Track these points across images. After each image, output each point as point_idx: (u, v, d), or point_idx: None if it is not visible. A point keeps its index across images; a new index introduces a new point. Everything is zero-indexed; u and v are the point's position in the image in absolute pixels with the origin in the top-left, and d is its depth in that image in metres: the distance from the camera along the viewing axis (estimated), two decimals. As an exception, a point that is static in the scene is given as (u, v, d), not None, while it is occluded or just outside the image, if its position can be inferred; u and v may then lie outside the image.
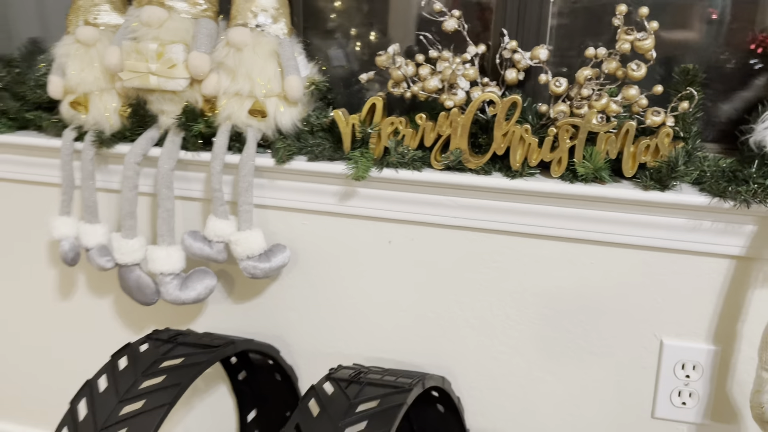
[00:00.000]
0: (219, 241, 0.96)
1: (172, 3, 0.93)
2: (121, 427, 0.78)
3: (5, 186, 1.10)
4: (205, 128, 0.95)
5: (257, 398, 1.12)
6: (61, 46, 0.98)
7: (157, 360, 0.87)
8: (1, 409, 1.25)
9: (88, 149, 0.99)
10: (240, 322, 1.07)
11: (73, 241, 1.02)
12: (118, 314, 1.13)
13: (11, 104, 1.04)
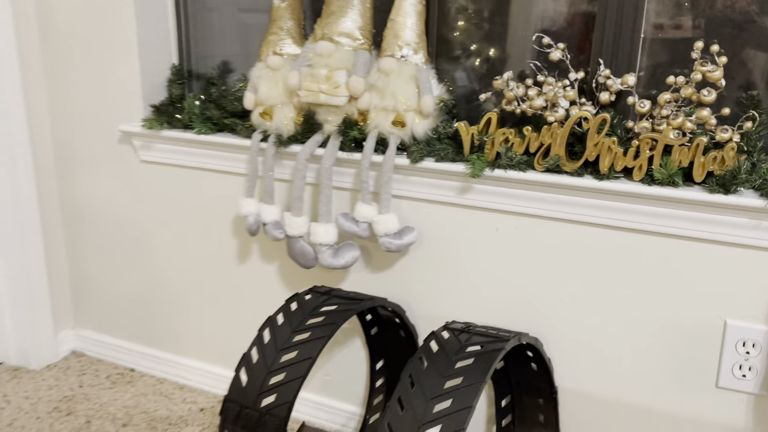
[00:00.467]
0: (364, 221, 1.25)
1: (338, 39, 1.23)
2: (294, 349, 1.09)
3: (206, 174, 1.45)
4: (358, 134, 1.24)
5: (385, 350, 1.40)
6: (255, 70, 1.31)
7: (318, 305, 1.17)
8: (194, 348, 1.61)
9: (270, 148, 1.31)
10: (375, 287, 1.35)
11: (255, 217, 1.34)
12: (285, 274, 1.45)
13: (215, 113, 1.39)
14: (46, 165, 1.61)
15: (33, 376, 1.64)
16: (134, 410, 1.51)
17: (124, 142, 1.52)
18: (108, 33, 1.45)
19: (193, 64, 1.55)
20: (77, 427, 1.44)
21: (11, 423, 1.45)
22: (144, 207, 1.56)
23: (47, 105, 1.59)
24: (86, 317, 1.74)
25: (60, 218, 1.67)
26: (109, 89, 1.50)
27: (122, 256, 1.63)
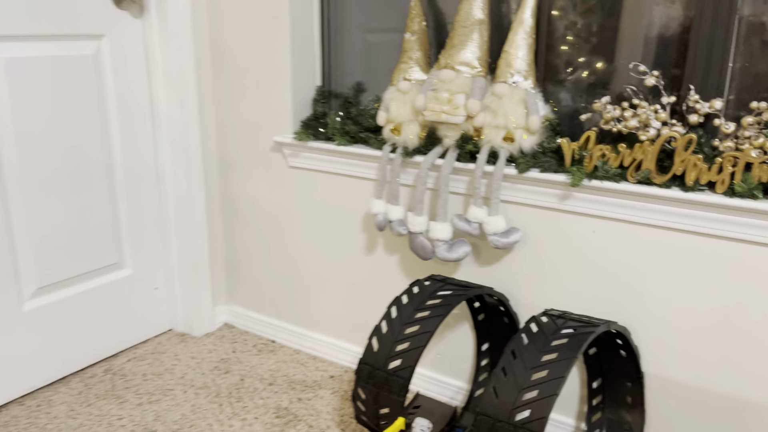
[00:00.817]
0: (475, 222, 1.47)
1: (459, 67, 1.46)
2: (416, 324, 1.33)
3: (343, 178, 1.73)
4: (473, 148, 1.46)
5: (490, 335, 1.61)
6: (387, 93, 1.57)
7: (436, 290, 1.40)
8: (325, 325, 1.91)
9: (397, 158, 1.56)
10: (483, 278, 1.56)
11: (383, 215, 1.60)
12: (405, 264, 1.70)
13: (352, 128, 1.66)
14: (211, 168, 1.96)
15: (196, 341, 2.00)
16: (277, 373, 1.82)
17: (275, 151, 1.84)
18: (267, 62, 1.77)
19: (332, 85, 1.84)
20: (234, 383, 1.77)
21: (183, 376, 1.80)
22: (289, 204, 1.86)
23: (215, 119, 1.93)
24: (237, 295, 2.08)
25: (220, 212, 2.02)
26: (266, 107, 1.81)
27: (269, 244, 1.95)
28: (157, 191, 1.92)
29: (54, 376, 1.75)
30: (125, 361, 1.87)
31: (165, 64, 1.80)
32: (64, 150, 1.66)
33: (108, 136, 1.76)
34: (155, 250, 1.96)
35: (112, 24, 1.71)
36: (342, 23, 1.77)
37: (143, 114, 1.84)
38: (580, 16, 1.44)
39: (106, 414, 1.63)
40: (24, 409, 1.64)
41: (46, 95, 1.59)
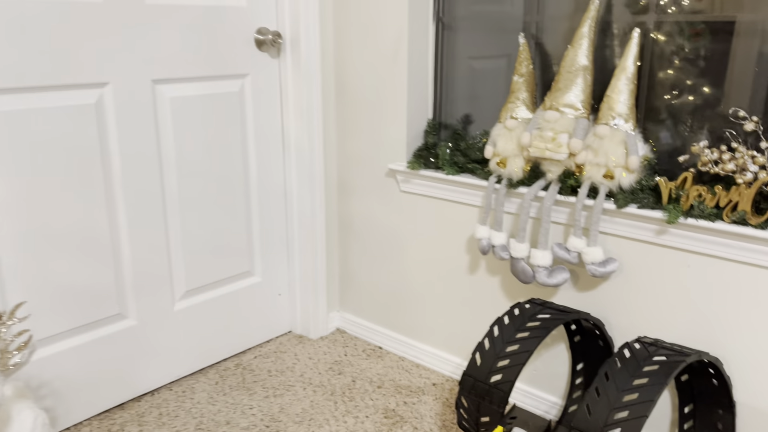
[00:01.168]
0: (574, 251, 1.59)
1: (563, 109, 1.60)
2: (516, 343, 1.47)
3: (450, 204, 1.90)
4: (574, 183, 1.59)
5: (585, 356, 1.72)
6: (495, 129, 1.73)
7: (535, 313, 1.54)
8: (429, 336, 2.08)
9: (502, 188, 1.71)
10: (580, 303, 1.68)
11: (487, 240, 1.76)
12: (506, 286, 1.84)
13: (461, 159, 1.83)
14: (331, 189, 2.19)
15: (312, 343, 2.23)
16: (384, 377, 2.01)
17: (389, 176, 2.04)
18: (386, 96, 1.97)
19: (442, 116, 2.01)
20: (346, 383, 1.98)
21: (302, 374, 2.03)
22: (400, 224, 2.05)
23: (336, 146, 2.16)
24: (349, 303, 2.30)
25: (337, 228, 2.25)
26: (382, 137, 2.02)
27: (379, 259, 2.15)
28: (284, 209, 2.18)
29: (195, 367, 2.03)
30: (252, 358, 2.13)
31: (296, 98, 2.04)
32: (211, 173, 1.93)
33: (246, 161, 2.03)
34: (280, 260, 2.21)
35: (254, 64, 1.97)
36: (452, 54, 1.94)
37: (275, 141, 2.09)
38: (680, 64, 1.53)
39: (238, 403, 1.88)
40: (172, 394, 1.92)
41: (200, 127, 1.87)
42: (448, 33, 1.94)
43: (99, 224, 1.70)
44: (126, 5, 1.64)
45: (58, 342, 1.69)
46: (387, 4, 1.89)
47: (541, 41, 1.75)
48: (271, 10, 1.98)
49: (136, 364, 1.87)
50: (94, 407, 1.80)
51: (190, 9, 1.77)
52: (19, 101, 1.51)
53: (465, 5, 1.88)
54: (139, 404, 1.87)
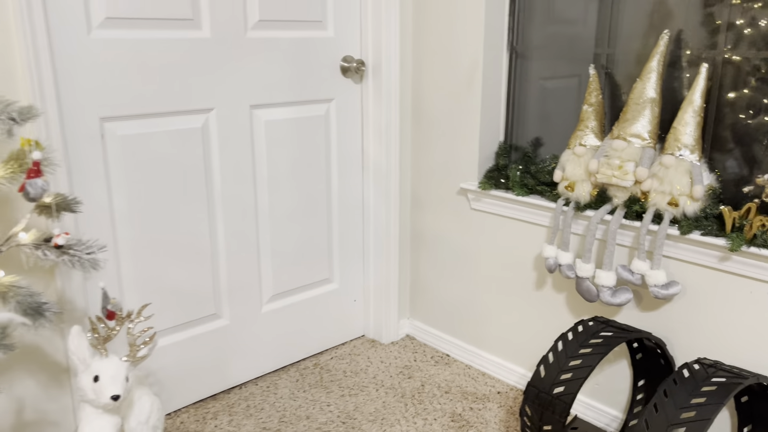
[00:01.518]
0: (638, 273, 1.68)
1: (630, 138, 1.69)
2: (579, 358, 1.58)
3: (518, 223, 2.01)
4: (639, 209, 1.68)
5: (646, 373, 1.80)
6: (564, 155, 1.83)
7: (598, 330, 1.64)
8: (494, 346, 2.20)
9: (570, 211, 1.81)
10: (642, 322, 1.76)
11: (554, 259, 1.86)
12: (571, 303, 1.94)
13: (530, 181, 1.94)
14: (405, 204, 2.34)
15: (383, 348, 2.38)
16: (451, 384, 2.14)
17: (461, 194, 2.17)
18: (460, 119, 2.10)
19: (513, 138, 2.12)
20: (416, 387, 2.12)
21: (374, 376, 2.19)
22: (469, 239, 2.18)
23: (411, 164, 2.31)
24: (418, 311, 2.44)
25: (409, 240, 2.39)
26: (455, 157, 2.15)
27: (449, 271, 2.28)
28: (361, 221, 2.34)
29: (278, 365, 2.22)
30: (329, 359, 2.31)
31: (375, 120, 2.20)
32: (298, 188, 2.12)
33: (329, 177, 2.20)
34: (356, 269, 2.38)
35: (338, 89, 2.14)
36: (524, 81, 2.05)
37: (355, 159, 2.26)
38: (747, 97, 1.59)
39: (317, 400, 2.05)
40: (258, 388, 2.12)
41: (289, 146, 2.06)
42: (520, 61, 2.05)
43: (201, 233, 1.91)
44: (230, 40, 1.84)
45: (163, 337, 1.91)
46: (464, 35, 2.02)
47: (611, 72, 1.84)
48: (355, 39, 2.14)
49: (227, 360, 2.07)
50: (191, 396, 2.02)
51: (285, 41, 1.96)
52: (139, 126, 1.73)
53: (538, 36, 1.99)
54: (229, 396, 2.07)
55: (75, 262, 1.18)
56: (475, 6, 1.98)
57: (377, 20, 2.10)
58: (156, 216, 1.80)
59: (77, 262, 1.18)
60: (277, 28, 1.94)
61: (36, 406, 1.61)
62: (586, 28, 1.88)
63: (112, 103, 1.66)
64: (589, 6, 1.86)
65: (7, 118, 1.00)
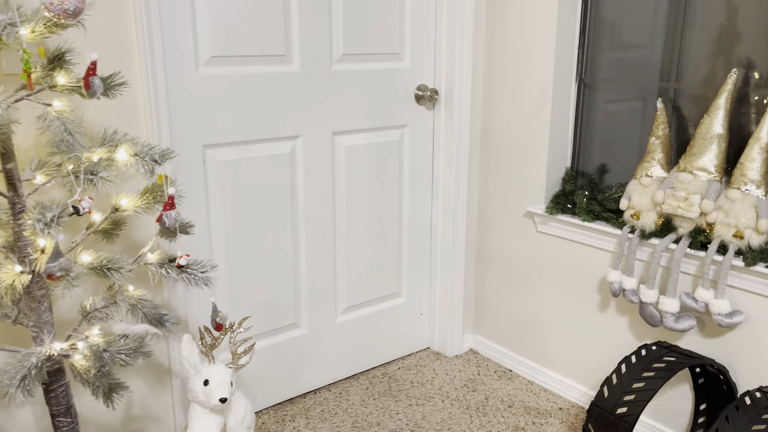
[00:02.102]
0: (702, 301, 1.74)
1: (696, 172, 1.76)
2: (642, 381, 1.66)
3: (583, 247, 2.10)
4: (704, 239, 1.74)
5: (708, 397, 1.86)
6: (630, 185, 1.91)
7: (662, 355, 1.71)
8: (557, 363, 2.29)
9: (635, 238, 1.89)
10: (705, 349, 1.82)
11: (618, 284, 1.94)
12: (633, 327, 2.01)
13: (596, 207, 2.03)
14: (471, 224, 2.46)
15: (448, 361, 2.50)
16: (514, 398, 2.24)
17: (527, 217, 2.27)
18: (528, 146, 2.21)
19: (580, 165, 2.21)
20: (480, 400, 2.23)
21: (440, 388, 2.31)
22: (534, 261, 2.28)
23: (478, 186, 2.42)
24: (482, 327, 2.55)
25: (474, 259, 2.51)
26: (522, 181, 2.25)
27: (513, 289, 2.38)
28: (429, 240, 2.47)
29: (349, 373, 2.37)
30: (396, 369, 2.44)
31: (446, 145, 2.33)
32: (372, 208, 2.26)
33: (401, 198, 2.34)
34: (423, 284, 2.50)
35: (412, 116, 2.28)
36: (591, 110, 2.14)
37: (426, 181, 2.39)
38: (816, 134, 1.64)
39: (387, 408, 2.19)
40: (331, 394, 2.27)
41: (365, 169, 2.21)
42: (588, 91, 2.14)
43: (285, 249, 2.08)
44: (317, 72, 2.00)
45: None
46: (534, 67, 2.13)
47: (678, 105, 1.91)
48: (429, 69, 2.28)
49: (303, 366, 2.23)
50: (271, 399, 2.18)
51: (366, 72, 2.11)
52: (235, 152, 1.91)
53: (606, 67, 2.08)
54: (305, 400, 2.23)
55: (191, 279, 1.35)
56: (546, 40, 2.08)
57: (451, 51, 2.23)
58: (246, 233, 1.98)
59: (193, 279, 1.35)
60: (359, 61, 2.10)
61: (142, 403, 1.80)
62: (654, 61, 1.95)
63: (212, 131, 1.84)
64: (657, 39, 1.94)
65: (151, 159, 1.17)
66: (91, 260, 1.18)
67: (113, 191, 1.50)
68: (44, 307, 1.23)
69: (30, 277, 1.16)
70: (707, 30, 1.82)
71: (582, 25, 2.11)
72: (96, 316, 1.29)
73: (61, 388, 1.30)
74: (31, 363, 1.11)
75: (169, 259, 1.33)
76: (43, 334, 1.22)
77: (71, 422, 1.33)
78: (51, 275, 1.05)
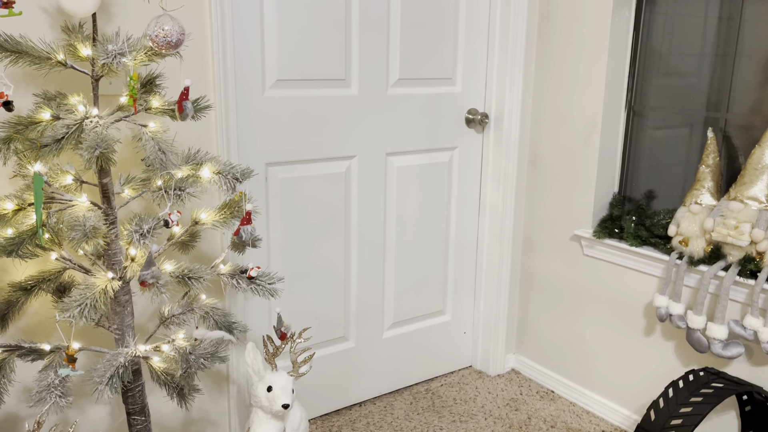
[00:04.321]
0: (750, 329, 1.76)
1: (747, 201, 1.78)
2: (689, 406, 1.68)
3: (630, 271, 2.13)
4: (754, 267, 1.76)
5: (754, 425, 1.86)
6: (679, 212, 1.94)
7: (709, 381, 1.73)
8: (599, 386, 2.31)
9: (683, 265, 1.92)
10: (753, 376, 1.83)
11: (665, 309, 1.96)
12: (680, 352, 2.03)
13: (644, 233, 2.06)
14: (517, 246, 2.51)
15: (490, 380, 2.54)
16: (557, 419, 2.27)
17: (574, 241, 2.31)
18: (576, 171, 2.25)
19: (627, 191, 2.25)
20: (523, 420, 2.26)
21: (483, 406, 2.35)
22: (580, 283, 2.31)
23: (525, 209, 2.47)
24: (524, 347, 2.58)
25: (519, 280, 2.55)
26: (570, 205, 2.30)
27: (556, 311, 2.41)
28: (475, 260, 2.52)
29: (393, 387, 2.43)
30: (439, 385, 2.49)
31: (494, 167, 2.39)
32: (420, 227, 2.33)
33: (448, 218, 2.41)
34: (467, 303, 2.56)
35: (461, 138, 2.35)
36: (639, 137, 2.18)
37: (473, 202, 2.45)
38: None
39: (430, 423, 2.24)
40: (376, 408, 2.33)
41: (416, 189, 2.28)
42: (637, 118, 2.19)
43: (337, 264, 2.16)
44: (373, 96, 2.09)
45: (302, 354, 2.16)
46: (584, 94, 2.18)
47: (728, 135, 1.94)
48: (480, 94, 2.35)
49: (350, 379, 2.30)
50: (319, 409, 2.25)
51: (419, 96, 2.20)
52: (295, 170, 2.00)
53: (655, 95, 2.12)
54: (350, 412, 2.29)
55: (259, 290, 1.43)
56: (596, 68, 2.14)
57: (501, 77, 2.30)
58: (302, 248, 2.06)
59: (260, 290, 1.43)
60: (413, 85, 2.18)
61: (201, 407, 1.89)
62: (702, 90, 1.99)
63: (275, 150, 1.94)
64: (706, 68, 1.98)
65: (233, 178, 1.26)
66: (173, 269, 1.27)
67: (193, 206, 1.60)
68: (127, 311, 1.33)
69: (120, 283, 1.25)
70: (758, 59, 1.86)
71: (632, 54, 2.17)
72: (174, 321, 1.39)
73: (138, 388, 1.39)
74: (119, 362, 1.20)
75: (240, 271, 1.42)
76: (127, 337, 1.31)
77: (145, 420, 1.41)
78: (144, 282, 1.14)
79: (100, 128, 1.11)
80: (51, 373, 1.20)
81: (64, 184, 1.28)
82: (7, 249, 1.10)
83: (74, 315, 1.12)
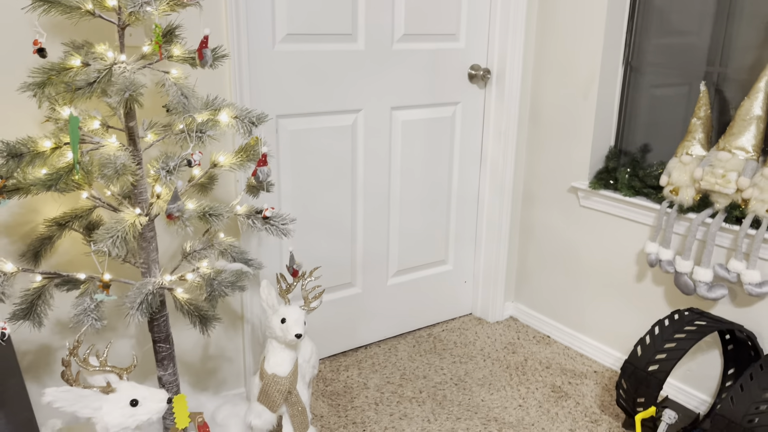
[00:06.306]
0: (734, 272, 1.87)
1: (734, 151, 1.87)
2: (673, 342, 1.80)
3: (623, 220, 2.23)
4: (739, 214, 1.86)
5: (736, 362, 1.99)
6: (671, 162, 2.03)
7: (693, 319, 1.85)
8: (592, 330, 2.43)
9: (673, 213, 2.02)
10: (735, 316, 1.95)
11: (655, 255, 2.07)
12: (668, 296, 2.15)
13: (637, 184, 2.16)
14: (517, 198, 2.61)
15: (489, 326, 2.67)
16: (552, 361, 2.40)
17: (571, 192, 2.41)
18: (574, 125, 2.34)
19: (623, 144, 2.34)
20: (519, 361, 2.39)
21: (482, 349, 2.48)
22: (576, 233, 2.42)
23: (525, 162, 2.57)
24: (522, 295, 2.71)
25: (518, 232, 2.66)
26: (567, 158, 2.39)
27: (553, 261, 2.53)
28: (476, 212, 2.63)
29: (397, 332, 2.56)
30: (441, 331, 2.62)
31: (496, 122, 2.47)
32: (423, 180, 2.43)
33: (450, 171, 2.50)
34: (468, 254, 2.67)
35: (464, 94, 2.43)
36: (636, 92, 2.26)
37: (474, 156, 2.54)
38: None
39: (432, 363, 2.37)
40: (381, 350, 2.47)
41: (419, 143, 2.38)
42: (634, 74, 2.26)
43: (344, 213, 2.27)
44: (379, 51, 2.17)
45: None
46: (583, 50, 2.26)
47: (721, 89, 2.02)
48: (482, 49, 2.42)
49: (356, 322, 2.43)
50: (327, 350, 2.39)
51: (423, 52, 2.27)
52: (304, 122, 2.10)
53: (652, 51, 2.19)
54: (357, 354, 2.43)
55: (273, 230, 1.54)
56: (596, 24, 2.20)
57: (504, 33, 2.37)
58: (311, 197, 2.17)
59: (274, 230, 1.54)
60: (418, 41, 2.26)
61: (217, 344, 2.02)
62: (699, 46, 2.06)
63: (285, 103, 2.03)
64: (703, 26, 2.05)
65: (249, 122, 1.36)
66: (195, 207, 1.38)
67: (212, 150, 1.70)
68: (153, 246, 1.44)
69: (146, 219, 1.36)
70: (752, 16, 1.92)
71: (631, 10, 2.23)
72: (195, 256, 1.50)
73: (163, 318, 1.51)
74: (147, 290, 1.32)
75: (256, 211, 1.53)
76: (154, 269, 1.43)
77: (169, 348, 1.54)
78: (170, 215, 1.25)
79: (128, 73, 1.21)
80: (87, 299, 1.32)
81: (92, 128, 1.38)
82: (47, 184, 1.21)
83: (107, 245, 1.23)
